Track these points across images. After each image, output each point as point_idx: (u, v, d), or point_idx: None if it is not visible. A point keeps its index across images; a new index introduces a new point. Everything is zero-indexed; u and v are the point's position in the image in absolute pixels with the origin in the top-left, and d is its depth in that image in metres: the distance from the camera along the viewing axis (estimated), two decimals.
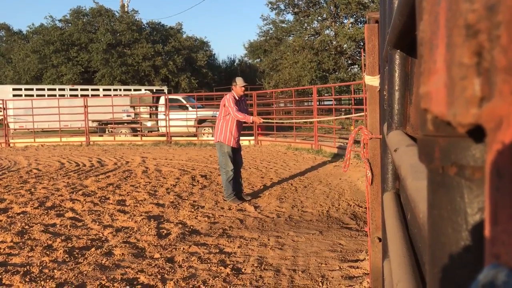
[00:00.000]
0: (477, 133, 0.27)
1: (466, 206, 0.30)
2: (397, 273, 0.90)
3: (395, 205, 1.33)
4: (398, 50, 1.02)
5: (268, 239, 4.79)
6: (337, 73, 26.11)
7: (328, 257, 4.23)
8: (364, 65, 2.25)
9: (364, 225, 5.27)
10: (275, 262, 4.12)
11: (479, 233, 0.29)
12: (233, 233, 5.08)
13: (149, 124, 19.29)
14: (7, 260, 4.29)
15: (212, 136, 16.21)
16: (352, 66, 28.00)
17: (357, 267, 3.94)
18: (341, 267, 3.95)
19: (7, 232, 5.17)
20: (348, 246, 4.53)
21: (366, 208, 5.93)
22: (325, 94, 25.57)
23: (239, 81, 6.64)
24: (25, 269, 4.00)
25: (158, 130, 18.63)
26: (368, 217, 2.19)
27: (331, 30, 27.19)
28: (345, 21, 27.94)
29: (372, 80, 1.87)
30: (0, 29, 44.90)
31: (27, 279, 3.75)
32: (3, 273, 3.90)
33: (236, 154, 6.73)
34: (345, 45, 25.88)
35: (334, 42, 26.33)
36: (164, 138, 17.00)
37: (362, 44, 25.64)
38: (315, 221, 5.54)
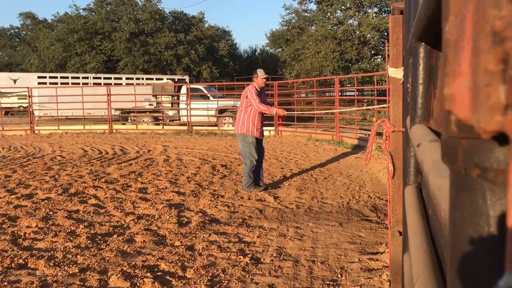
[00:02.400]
0: (501, 136, 0.26)
1: (489, 208, 0.30)
2: (417, 268, 0.90)
3: (417, 199, 1.32)
4: (423, 43, 1.01)
5: (288, 230, 4.80)
6: (360, 63, 25.80)
7: (348, 249, 4.22)
8: (388, 55, 2.22)
9: (385, 217, 5.24)
10: (294, 252, 4.13)
11: (501, 237, 0.29)
12: (253, 222, 5.10)
13: (170, 113, 19.43)
14: (32, 244, 4.40)
15: (233, 126, 16.26)
16: (376, 57, 27.65)
17: (377, 260, 3.92)
18: (361, 259, 3.94)
19: (32, 217, 5.29)
20: (368, 239, 4.51)
21: (386, 200, 5.88)
22: (348, 85, 25.35)
23: (260, 73, 6.66)
24: (50, 254, 4.10)
25: (180, 119, 18.75)
26: (388, 211, 2.18)
27: (355, 20, 26.84)
28: (369, 10, 27.53)
29: (395, 72, 1.84)
30: (26, 18, 45.63)
31: (51, 264, 3.84)
32: (29, 257, 4.01)
33: (259, 145, 6.75)
34: (369, 35, 25.54)
35: (358, 32, 26.00)
36: (185, 127, 17.11)
37: (386, 34, 25.27)
38: (335, 212, 5.53)
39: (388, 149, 1.97)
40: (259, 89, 6.65)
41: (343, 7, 27.32)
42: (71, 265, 3.81)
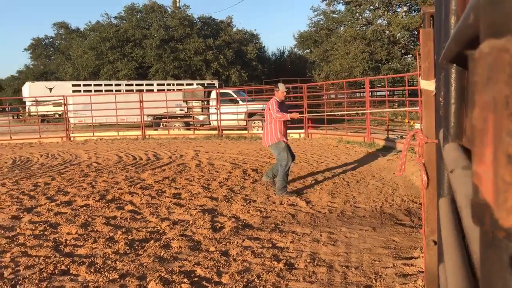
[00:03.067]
0: None
1: None
2: (453, 284, 0.93)
3: (451, 212, 1.34)
4: (455, 65, 1.04)
5: (321, 235, 4.82)
6: (390, 63, 25.51)
7: (382, 254, 4.21)
8: (419, 54, 2.24)
9: (419, 221, 5.20)
10: (328, 258, 4.15)
11: None
12: (285, 228, 5.14)
13: (201, 118, 19.67)
14: (73, 251, 4.56)
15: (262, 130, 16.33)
16: (406, 56, 27.26)
17: (411, 265, 3.90)
18: (395, 265, 3.93)
19: (72, 224, 5.49)
20: (402, 243, 4.49)
21: (420, 204, 5.82)
22: (378, 86, 25.07)
23: (281, 87, 7.06)
24: (90, 260, 4.25)
25: (210, 124, 18.97)
26: (423, 221, 2.19)
27: (384, 20, 26.56)
28: (398, 9, 27.19)
29: (427, 85, 1.86)
30: (60, 28, 47.00)
31: (92, 270, 3.98)
32: (70, 263, 4.16)
33: (289, 148, 6.98)
34: (399, 35, 25.23)
35: (387, 32, 25.71)
36: (215, 132, 17.30)
37: (416, 33, 24.90)
38: (368, 217, 5.51)
39: (421, 160, 1.99)
40: (280, 102, 7.04)
41: (371, 7, 27.06)
42: (111, 271, 3.94)
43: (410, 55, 26.77)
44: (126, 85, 30.02)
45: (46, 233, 5.18)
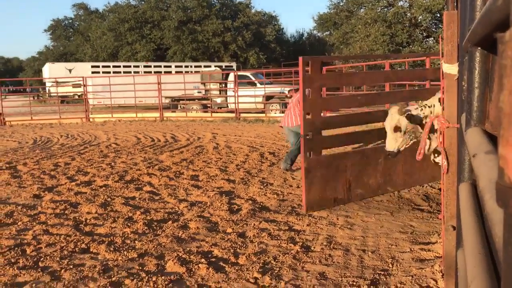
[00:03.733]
0: None
1: None
2: (472, 270, 0.93)
3: (471, 197, 1.33)
4: (479, 48, 1.02)
5: (337, 218, 4.83)
6: (411, 46, 25.08)
7: (399, 238, 4.20)
8: (441, 37, 2.20)
9: (437, 206, 5.16)
10: (344, 241, 4.16)
11: None
12: (302, 211, 5.16)
13: (218, 100, 19.69)
14: (93, 230, 4.66)
15: (280, 113, 16.28)
16: (427, 39, 26.76)
17: (429, 250, 3.89)
18: (412, 249, 3.92)
19: (92, 203, 5.59)
20: (420, 228, 4.47)
21: (439, 189, 5.77)
22: (398, 69, 24.67)
23: None
24: (110, 239, 4.33)
25: (227, 107, 18.98)
26: (442, 206, 2.17)
27: (405, 2, 26.04)
28: None
29: (450, 68, 1.82)
30: (79, 9, 47.24)
31: (111, 249, 4.06)
32: (91, 242, 4.25)
33: None
34: (420, 17, 24.73)
35: (409, 14, 25.23)
36: (233, 115, 17.31)
37: (438, 15, 24.39)
38: (385, 201, 5.49)
39: (442, 144, 1.96)
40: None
41: None
42: (130, 250, 4.02)
43: (432, 38, 26.27)
44: (145, 66, 30.15)
45: (67, 212, 5.29)
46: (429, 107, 4.29)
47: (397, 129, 4.23)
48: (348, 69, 25.37)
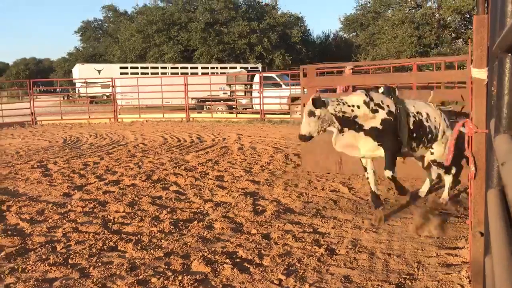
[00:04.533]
0: None
1: None
2: (500, 277, 0.93)
3: (500, 204, 1.32)
4: (510, 54, 1.01)
5: (363, 222, 4.80)
6: (439, 48, 24.66)
7: (425, 242, 4.15)
8: (470, 38, 2.17)
9: (464, 211, 5.07)
10: (370, 245, 4.14)
11: None
12: (327, 213, 5.15)
13: (244, 101, 19.77)
14: (120, 228, 4.75)
15: None
16: (456, 40, 26.26)
17: (456, 255, 3.83)
18: (439, 254, 3.87)
19: (120, 202, 5.70)
20: (447, 233, 4.40)
21: (466, 193, 5.67)
22: (426, 70, 24.29)
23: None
24: (137, 237, 4.41)
25: (252, 108, 19.04)
26: (470, 211, 2.15)
27: (434, 2, 25.63)
28: None
29: (479, 73, 1.80)
30: (108, 11, 48.12)
31: (138, 247, 4.14)
32: (118, 240, 4.34)
33: None
34: (449, 18, 24.30)
35: (437, 15, 24.82)
36: (258, 116, 17.35)
37: (468, 16, 23.92)
38: (411, 204, 5.42)
39: (470, 150, 1.94)
40: None
41: None
42: (156, 249, 4.09)
43: (461, 39, 25.77)
44: (172, 68, 30.51)
45: (96, 210, 5.41)
46: (348, 105, 4.61)
47: (311, 114, 4.60)
48: (375, 70, 25.12)
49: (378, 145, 4.69)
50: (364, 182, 6.60)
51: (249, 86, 19.74)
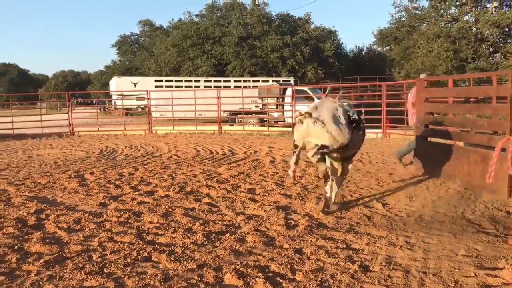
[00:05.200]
0: None
1: None
2: None
3: None
4: None
5: (397, 238, 4.71)
6: (476, 62, 24.12)
7: (462, 262, 4.04)
8: (508, 52, 2.12)
9: (504, 230, 4.91)
10: (405, 262, 4.05)
11: None
12: (360, 229, 5.07)
13: (275, 114, 19.81)
14: (154, 239, 4.81)
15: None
16: (494, 54, 25.64)
17: (495, 276, 3.71)
18: (477, 274, 3.76)
19: (153, 213, 5.78)
20: (485, 252, 4.27)
21: (506, 212, 5.50)
22: (462, 85, 23.79)
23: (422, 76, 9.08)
24: (170, 248, 4.46)
25: (284, 121, 19.05)
26: (511, 230, 2.08)
27: (471, 16, 25.15)
28: (488, 5, 25.63)
29: None
30: (145, 25, 49.35)
31: (172, 258, 4.18)
32: (152, 251, 4.40)
33: None
34: (487, 32, 23.75)
35: (474, 29, 24.32)
36: (289, 129, 17.33)
37: (507, 30, 23.37)
38: (448, 222, 5.29)
39: None
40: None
41: (458, 3, 25.73)
42: (189, 261, 4.12)
43: (500, 53, 25.14)
44: (205, 81, 30.92)
45: (130, 220, 5.50)
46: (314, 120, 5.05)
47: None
48: (410, 85, 24.79)
49: None
50: (398, 198, 6.50)
51: (281, 100, 19.79)
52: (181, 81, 31.16)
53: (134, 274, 3.84)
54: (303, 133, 5.19)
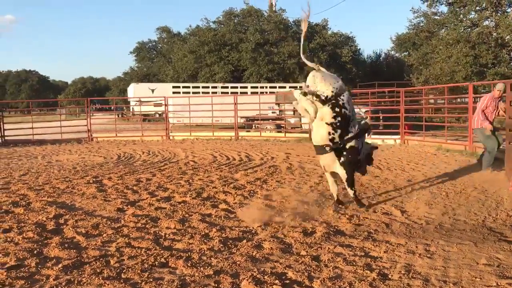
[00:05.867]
0: None
1: None
2: None
3: None
4: None
5: (416, 246, 4.63)
6: (496, 67, 23.73)
7: (484, 271, 3.96)
8: None
9: None
10: (424, 271, 3.98)
11: None
12: (379, 237, 5.01)
13: (292, 121, 19.76)
14: (171, 245, 4.82)
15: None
16: None
17: None
18: (499, 284, 3.68)
19: (171, 219, 5.80)
20: (507, 261, 4.18)
21: None
22: (482, 92, 23.45)
23: (497, 86, 8.83)
24: (187, 254, 4.46)
25: (301, 127, 18.99)
26: None
27: (491, 21, 24.77)
28: (509, 10, 25.23)
29: None
30: (162, 32, 49.80)
31: (189, 264, 4.18)
32: (169, 256, 4.40)
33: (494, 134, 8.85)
34: (508, 37, 23.36)
35: (495, 34, 23.95)
36: (306, 135, 17.25)
37: None
38: (468, 230, 5.20)
39: None
40: (493, 98, 8.84)
41: (478, 7, 25.39)
42: (206, 267, 4.11)
43: None
44: (222, 87, 31.04)
45: (148, 226, 5.53)
46: None
47: None
48: (428, 90, 24.51)
49: None
50: (417, 205, 6.41)
51: None
52: (198, 87, 31.35)
53: (151, 279, 3.85)
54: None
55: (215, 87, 31.03)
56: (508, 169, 8.01)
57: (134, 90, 31.26)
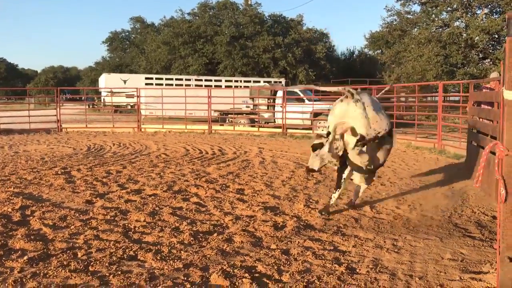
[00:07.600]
0: None
1: None
2: None
3: None
4: None
5: (384, 241, 4.72)
6: (466, 67, 24.33)
7: (448, 265, 4.06)
8: (497, 59, 2.14)
9: (490, 235, 4.95)
10: (391, 265, 4.06)
11: None
12: (348, 231, 5.08)
13: (266, 115, 19.81)
14: (141, 238, 4.77)
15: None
16: (484, 61, 25.88)
17: (480, 280, 3.73)
18: (462, 278, 3.78)
19: (140, 212, 5.74)
20: (471, 256, 4.30)
21: (492, 217, 5.54)
22: (452, 90, 24.02)
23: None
24: (157, 248, 4.43)
25: (275, 122, 19.06)
26: (498, 235, 2.09)
27: (462, 22, 25.37)
28: (478, 12, 25.86)
29: (511, 95, 1.77)
30: (136, 22, 49.12)
31: (158, 257, 4.15)
32: (138, 250, 4.36)
33: None
34: (477, 38, 23.95)
35: (464, 35, 24.53)
36: (280, 130, 17.34)
37: (497, 37, 23.61)
38: (435, 226, 5.32)
39: (500, 173, 1.89)
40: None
41: (449, 8, 25.93)
42: (176, 260, 4.09)
43: (489, 60, 25.39)
44: (196, 80, 30.84)
45: (117, 218, 5.46)
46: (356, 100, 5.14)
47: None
48: (400, 88, 24.94)
49: None
50: (386, 201, 6.53)
51: (272, 100, 19.79)
52: (171, 79, 31.04)
53: (119, 272, 3.80)
54: (341, 113, 5.20)
55: (189, 80, 30.78)
56: (472, 167, 8.26)
57: (106, 81, 30.74)
